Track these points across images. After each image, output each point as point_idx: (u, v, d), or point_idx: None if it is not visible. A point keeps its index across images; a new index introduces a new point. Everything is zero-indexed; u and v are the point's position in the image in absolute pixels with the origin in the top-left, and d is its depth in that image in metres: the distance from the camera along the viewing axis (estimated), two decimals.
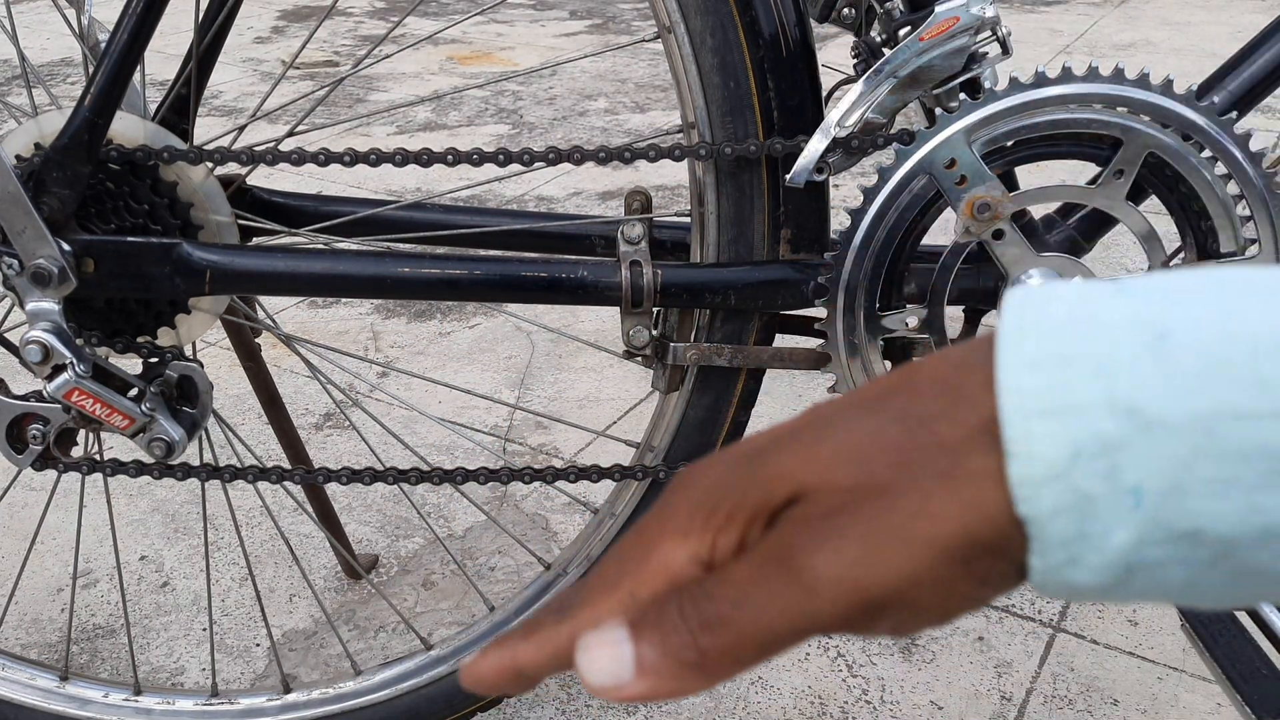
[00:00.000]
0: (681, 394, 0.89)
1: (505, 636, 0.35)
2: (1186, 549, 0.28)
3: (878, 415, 0.32)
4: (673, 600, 0.32)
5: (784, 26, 0.78)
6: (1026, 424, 0.28)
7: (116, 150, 0.80)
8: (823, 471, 0.31)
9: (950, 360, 0.32)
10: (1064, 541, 0.29)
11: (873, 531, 0.30)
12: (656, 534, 0.33)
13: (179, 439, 0.84)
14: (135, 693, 1.04)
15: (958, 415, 0.30)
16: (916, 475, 0.30)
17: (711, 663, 0.31)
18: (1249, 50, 0.82)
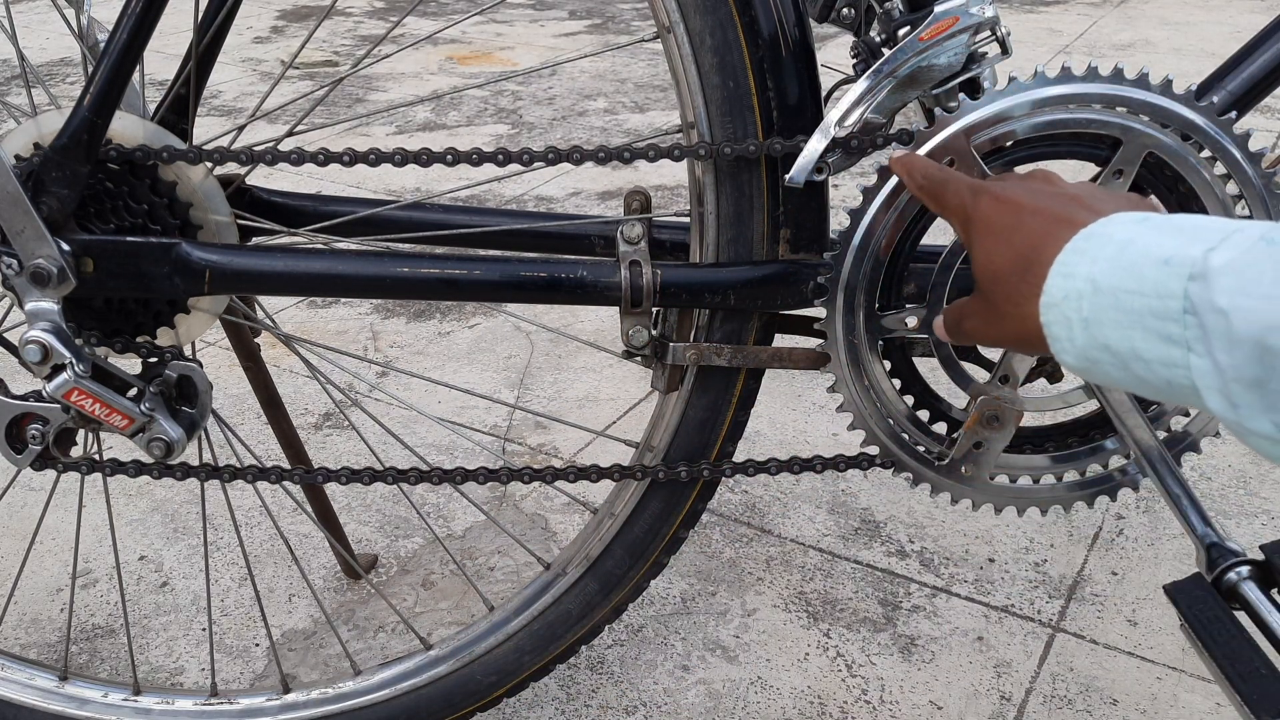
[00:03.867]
0: (681, 394, 0.89)
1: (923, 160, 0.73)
2: (1108, 355, 0.54)
3: (1010, 244, 0.62)
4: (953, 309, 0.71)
5: (783, 26, 0.78)
6: (1053, 280, 0.57)
7: (116, 150, 0.80)
8: (978, 275, 0.65)
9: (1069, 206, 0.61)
10: (1056, 337, 0.57)
11: (987, 322, 0.65)
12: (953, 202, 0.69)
13: (178, 439, 0.84)
14: (134, 692, 1.04)
15: (1045, 255, 0.58)
16: (1012, 298, 0.61)
17: (965, 341, 0.71)
18: (1248, 50, 0.82)
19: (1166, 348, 0.51)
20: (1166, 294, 0.50)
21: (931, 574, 1.34)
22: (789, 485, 1.51)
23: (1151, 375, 0.52)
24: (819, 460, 0.89)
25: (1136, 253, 0.53)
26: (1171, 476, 0.83)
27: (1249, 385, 0.47)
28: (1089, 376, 0.57)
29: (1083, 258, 0.56)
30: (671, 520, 0.94)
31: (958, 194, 0.69)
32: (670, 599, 1.31)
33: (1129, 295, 0.52)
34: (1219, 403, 0.49)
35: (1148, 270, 0.52)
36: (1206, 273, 0.49)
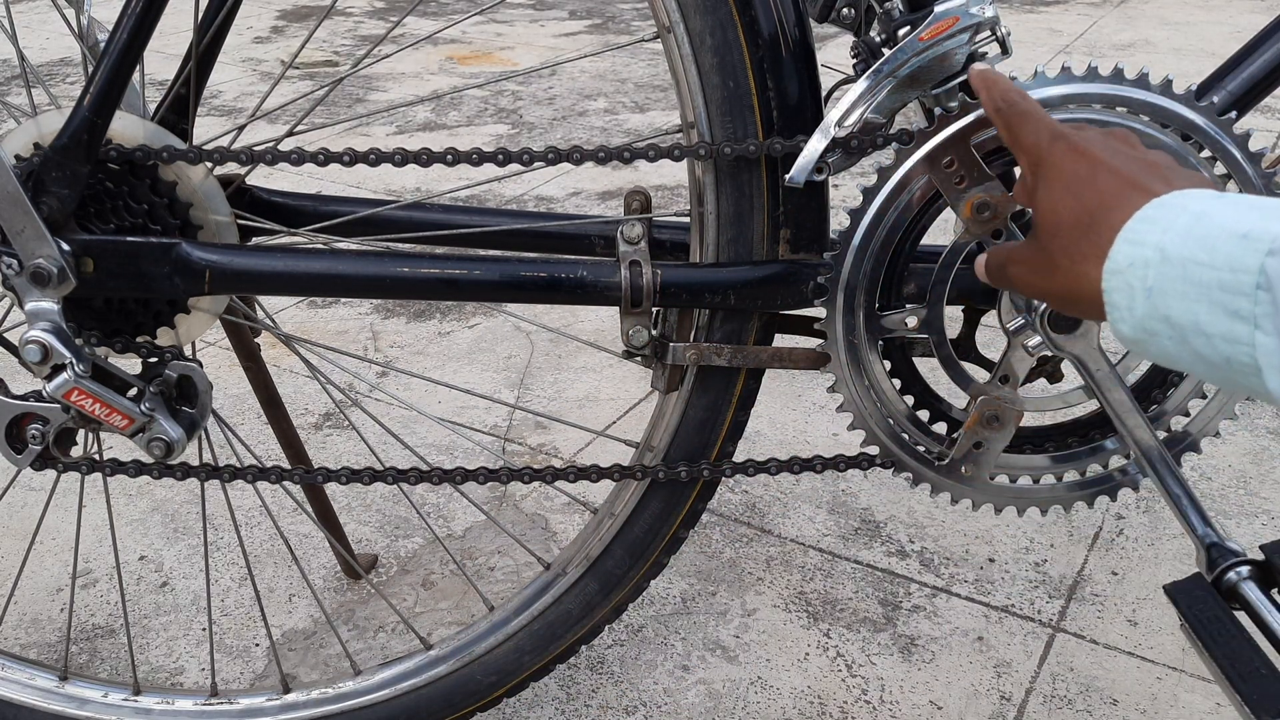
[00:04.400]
0: (681, 394, 0.89)
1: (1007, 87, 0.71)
2: (1167, 327, 0.53)
3: (1077, 197, 0.61)
4: (997, 251, 0.70)
5: (783, 26, 0.78)
6: (1120, 246, 0.56)
7: (116, 150, 0.80)
8: (1039, 221, 0.64)
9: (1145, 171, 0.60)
10: (1116, 306, 0.56)
11: (1036, 272, 0.64)
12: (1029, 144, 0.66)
13: (178, 439, 0.84)
14: (134, 692, 1.04)
15: (1112, 219, 0.57)
16: (1071, 254, 0.60)
17: (1004, 285, 0.70)
18: (1248, 50, 0.82)
19: (1232, 323, 0.50)
20: (1240, 268, 0.50)
21: (932, 574, 1.34)
22: (789, 485, 1.51)
23: (1211, 351, 0.51)
24: (819, 460, 0.89)
25: (1212, 225, 0.52)
26: (1171, 476, 0.83)
27: None
28: (1141, 349, 0.56)
29: (1153, 226, 0.55)
30: (671, 520, 0.94)
31: (1035, 132, 0.66)
32: (670, 599, 1.31)
33: (1199, 267, 0.51)
34: (1279, 382, 0.49)
35: (1222, 243, 0.51)
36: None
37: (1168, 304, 0.53)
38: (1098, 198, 0.60)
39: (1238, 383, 0.52)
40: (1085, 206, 0.60)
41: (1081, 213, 0.60)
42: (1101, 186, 0.60)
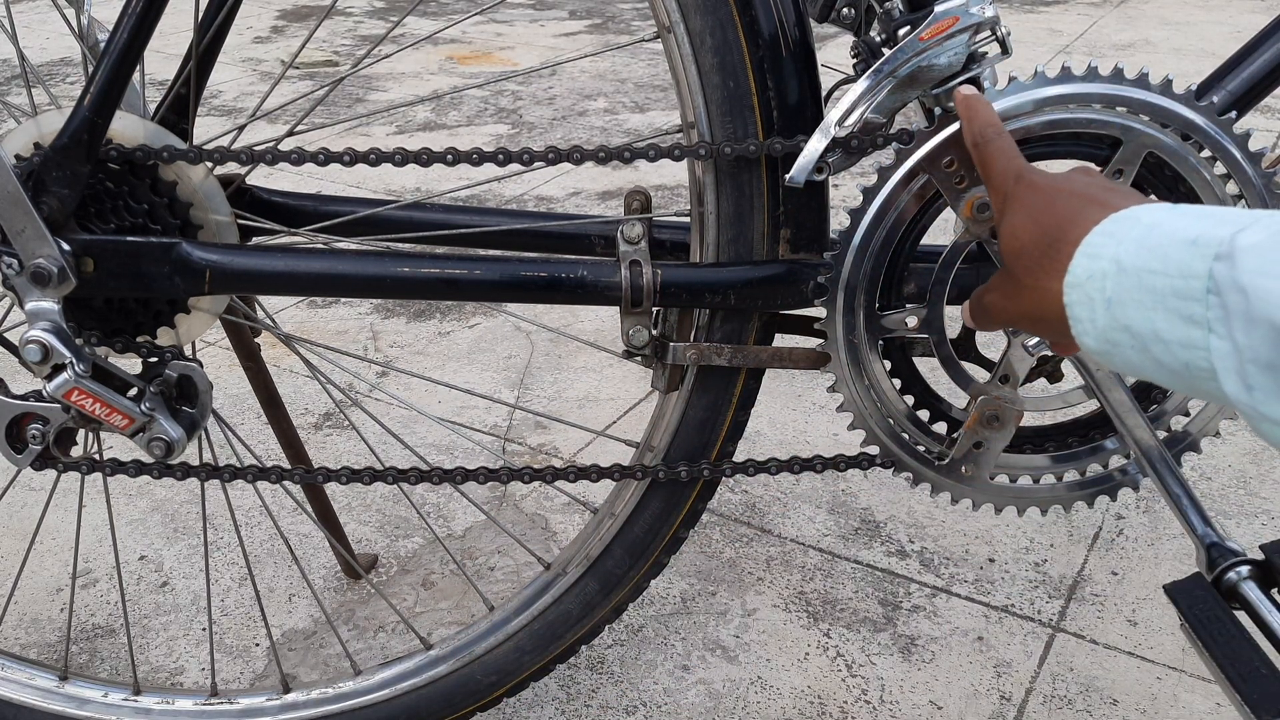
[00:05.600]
0: (681, 394, 0.89)
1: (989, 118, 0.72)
2: (1128, 337, 0.54)
3: (1037, 222, 0.62)
4: (978, 294, 0.70)
5: (783, 26, 0.78)
6: (1078, 260, 0.57)
7: (116, 150, 0.80)
8: (1003, 249, 0.65)
9: (1101, 192, 0.61)
10: (1078, 319, 0.57)
11: (1007, 297, 0.65)
12: (998, 175, 0.69)
13: (178, 438, 0.84)
14: (134, 692, 1.04)
15: (1071, 235, 0.58)
16: (1034, 273, 0.61)
17: (984, 320, 0.70)
18: (1248, 50, 0.82)
19: (1187, 329, 0.51)
20: (1190, 274, 0.50)
21: (931, 574, 1.34)
22: (789, 485, 1.51)
23: (1170, 358, 0.52)
24: (819, 460, 0.89)
25: (1163, 234, 0.53)
26: (1171, 476, 0.83)
27: (1264, 368, 0.47)
28: (1107, 360, 0.57)
29: (1109, 239, 0.56)
30: (671, 520, 0.94)
31: (1005, 169, 0.69)
32: (670, 599, 1.31)
33: (1153, 275, 0.52)
34: (1235, 386, 0.49)
35: (1173, 250, 0.52)
36: (1233, 252, 0.49)
37: (1127, 314, 0.54)
38: (1055, 219, 0.61)
39: (1198, 388, 0.52)
40: (1044, 228, 0.62)
41: (1041, 234, 0.62)
42: (1059, 209, 0.62)
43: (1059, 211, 0.62)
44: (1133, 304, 0.53)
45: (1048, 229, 0.61)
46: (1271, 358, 0.47)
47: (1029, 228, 0.63)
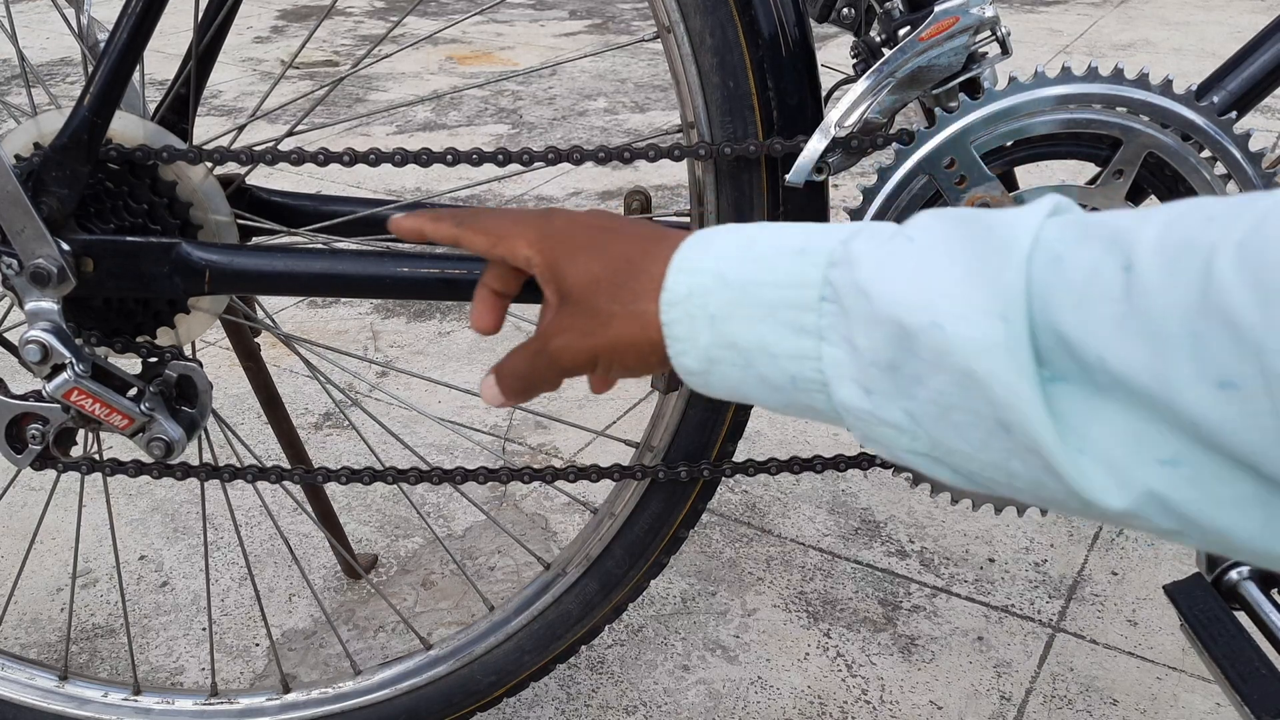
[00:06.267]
0: (681, 394, 0.89)
1: (425, 214, 0.66)
2: (733, 353, 0.51)
3: (603, 256, 0.57)
4: (512, 357, 0.61)
5: (783, 26, 0.78)
6: (674, 276, 0.53)
7: (116, 150, 0.80)
8: (572, 290, 0.58)
9: (656, 229, 0.58)
10: (678, 338, 0.53)
11: (586, 332, 0.57)
12: (519, 233, 0.61)
13: (178, 439, 0.84)
14: (134, 692, 1.04)
15: (650, 266, 0.55)
16: (621, 298, 0.56)
17: (526, 391, 0.61)
18: (1248, 50, 0.82)
19: (798, 339, 0.49)
20: (803, 283, 0.49)
21: (932, 574, 1.34)
22: (789, 485, 1.51)
23: (776, 371, 0.50)
24: (819, 460, 0.89)
25: (766, 246, 0.51)
26: None
27: (885, 369, 0.47)
28: (702, 382, 0.54)
29: (704, 253, 0.53)
30: (672, 520, 0.94)
31: (518, 223, 0.62)
32: (670, 599, 1.31)
33: (760, 287, 0.50)
34: (851, 392, 0.48)
35: (781, 261, 0.50)
36: (849, 258, 0.48)
37: (732, 329, 0.51)
38: (622, 250, 0.57)
39: (802, 402, 0.51)
40: (613, 257, 0.57)
41: (614, 260, 0.57)
42: (618, 242, 0.58)
43: (621, 242, 0.57)
44: (739, 318, 0.51)
45: (617, 257, 0.57)
46: (893, 357, 0.46)
47: (597, 259, 0.58)
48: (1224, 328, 0.39)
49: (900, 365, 0.46)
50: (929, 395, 0.46)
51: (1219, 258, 0.40)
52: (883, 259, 0.47)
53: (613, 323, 0.56)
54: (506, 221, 0.62)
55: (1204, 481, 0.41)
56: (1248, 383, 0.39)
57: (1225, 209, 0.42)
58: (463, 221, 0.64)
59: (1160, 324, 0.41)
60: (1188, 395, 0.40)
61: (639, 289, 0.55)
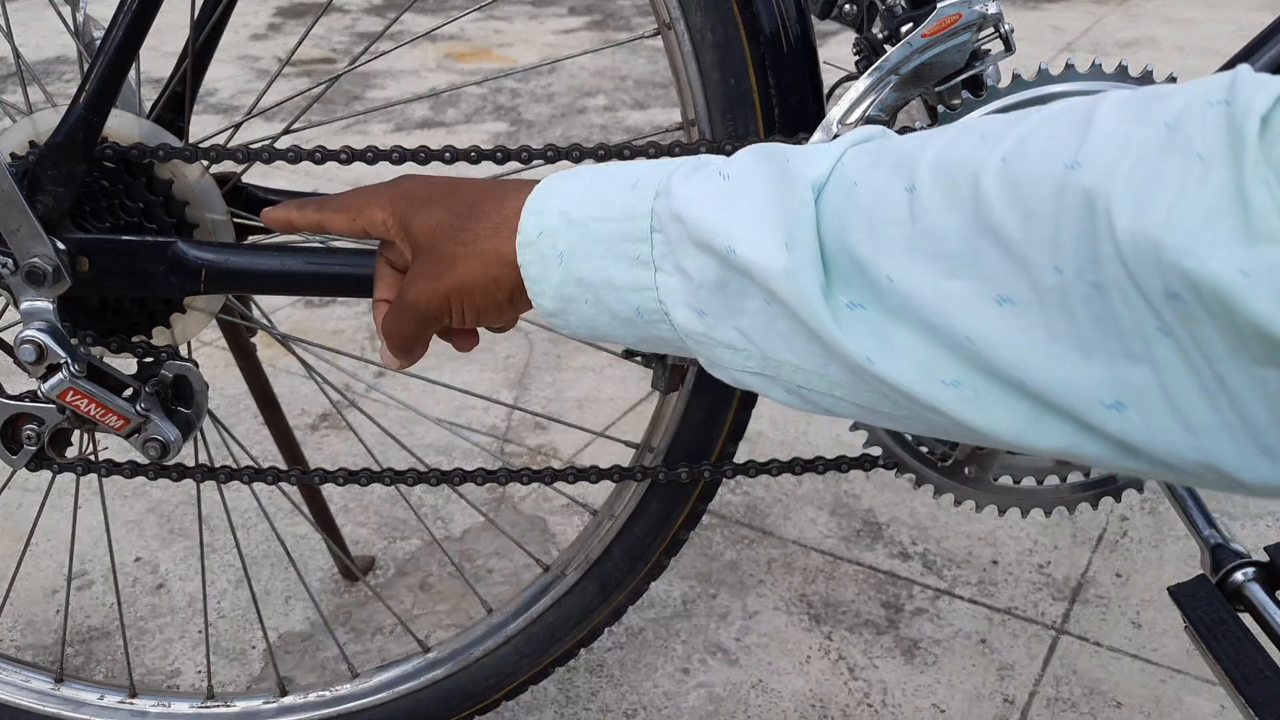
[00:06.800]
0: (681, 394, 0.88)
1: (292, 203, 0.68)
2: (582, 289, 0.53)
3: (447, 205, 0.59)
4: (386, 317, 0.62)
5: (785, 23, 0.77)
6: (526, 219, 0.55)
7: (111, 148, 0.79)
8: (420, 239, 0.59)
9: (506, 179, 0.60)
10: (534, 279, 0.55)
11: (437, 275, 0.58)
12: (373, 200, 0.63)
13: (174, 439, 0.83)
14: (130, 695, 1.03)
15: (491, 208, 0.57)
16: (463, 238, 0.57)
17: (403, 347, 0.62)
18: (1252, 49, 0.81)
19: (636, 271, 0.52)
20: (636, 214, 0.52)
21: (934, 576, 1.34)
22: (790, 487, 1.50)
23: (623, 305, 0.53)
24: (821, 461, 0.88)
25: (606, 183, 0.54)
26: None
27: (713, 289, 0.49)
28: (562, 321, 0.56)
29: (553, 194, 0.55)
30: (672, 522, 0.94)
31: (371, 199, 0.63)
32: (670, 601, 1.30)
33: (600, 223, 0.53)
34: (687, 316, 0.50)
35: (617, 196, 0.53)
36: (669, 188, 0.51)
37: (579, 265, 0.53)
38: (466, 195, 0.59)
39: (650, 334, 0.53)
40: (457, 203, 0.59)
41: (457, 206, 0.59)
42: (464, 192, 0.59)
43: (468, 192, 0.59)
44: (584, 255, 0.53)
45: (465, 202, 0.59)
46: (720, 277, 0.48)
47: (442, 208, 0.59)
48: (995, 246, 0.41)
49: (726, 284, 0.49)
50: (754, 308, 0.48)
51: (985, 176, 0.42)
52: (695, 188, 0.50)
53: (457, 264, 0.58)
54: (362, 194, 0.64)
55: (981, 402, 0.43)
56: (1021, 298, 0.41)
57: (997, 127, 0.44)
58: (323, 205, 0.66)
59: (942, 244, 0.43)
60: (969, 313, 0.42)
61: (480, 230, 0.57)
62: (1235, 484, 0.39)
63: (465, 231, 0.58)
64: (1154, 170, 0.37)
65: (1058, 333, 0.40)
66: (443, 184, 0.61)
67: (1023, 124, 0.43)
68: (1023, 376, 0.41)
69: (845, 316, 0.46)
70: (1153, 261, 0.36)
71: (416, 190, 0.62)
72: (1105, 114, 0.40)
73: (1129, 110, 0.40)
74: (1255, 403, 0.37)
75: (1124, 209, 0.37)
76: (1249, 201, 0.35)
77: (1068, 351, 0.40)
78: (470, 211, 0.58)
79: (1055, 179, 0.40)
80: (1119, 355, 0.39)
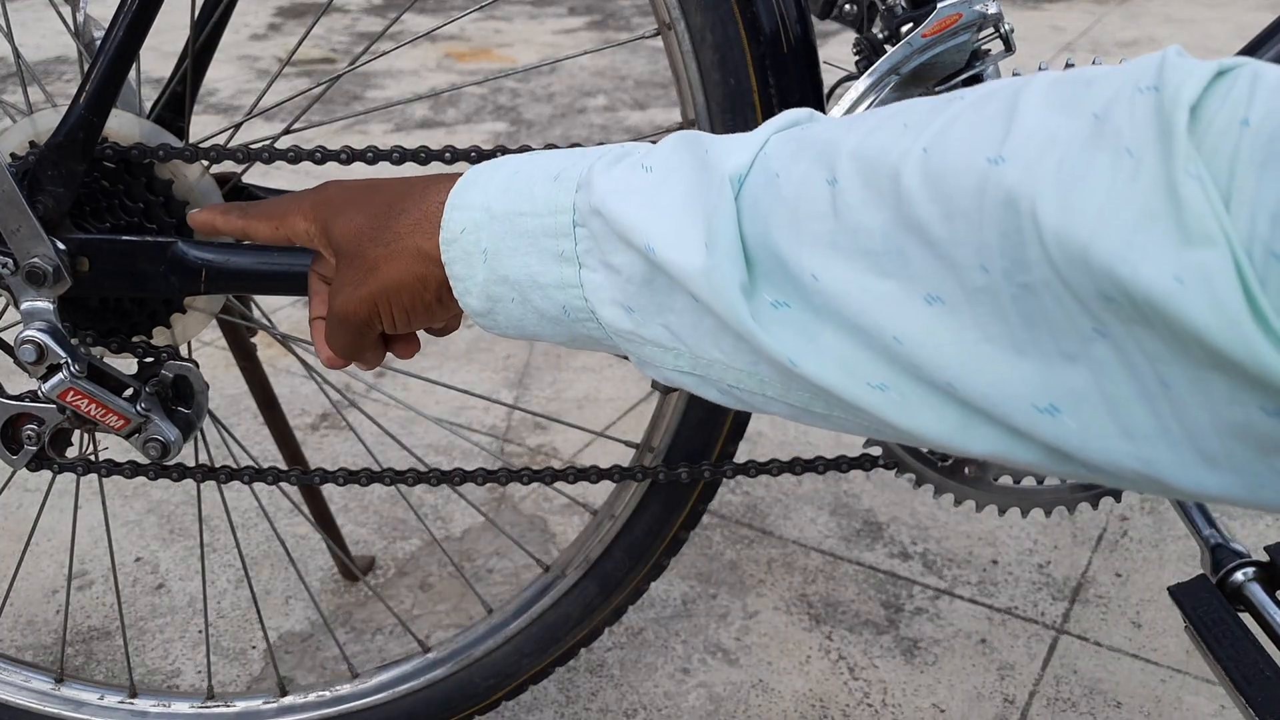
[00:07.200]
0: (681, 394, 0.88)
1: (216, 207, 0.67)
2: (508, 288, 0.51)
3: (366, 207, 0.56)
4: (324, 327, 0.60)
5: (785, 23, 0.77)
6: (448, 213, 0.52)
7: (112, 148, 0.79)
8: (341, 245, 0.57)
9: (427, 176, 0.56)
10: (459, 277, 0.52)
11: (361, 280, 0.55)
12: (295, 208, 0.60)
13: (174, 439, 0.83)
14: (130, 695, 1.03)
15: (410, 206, 0.54)
16: (383, 239, 0.55)
17: (348, 358, 0.60)
18: (1252, 48, 0.81)
19: (560, 268, 0.49)
20: (558, 209, 0.49)
21: (934, 576, 1.34)
22: (791, 486, 1.50)
23: (549, 303, 0.50)
24: (821, 461, 0.88)
25: (528, 175, 0.51)
26: None
27: (640, 285, 0.47)
28: (491, 322, 0.53)
29: (475, 187, 0.52)
30: (672, 522, 0.94)
31: (293, 206, 0.61)
32: (671, 601, 1.30)
33: (522, 218, 0.50)
34: (614, 313, 0.48)
35: (539, 189, 0.50)
36: (590, 181, 0.48)
37: (504, 263, 0.51)
38: (385, 195, 0.56)
39: (580, 333, 0.51)
40: (376, 204, 0.56)
41: (376, 207, 0.56)
42: (385, 191, 0.57)
43: (389, 185, 0.57)
44: (508, 251, 0.50)
45: (384, 199, 0.56)
46: (645, 273, 0.46)
47: (361, 211, 0.57)
48: (920, 244, 0.39)
49: (652, 280, 0.46)
50: (681, 305, 0.46)
51: (905, 169, 0.39)
52: (616, 180, 0.48)
53: (380, 266, 0.55)
54: (285, 202, 0.62)
55: (909, 406, 0.41)
56: (950, 297, 0.38)
57: (920, 114, 0.41)
58: (247, 212, 0.64)
59: (866, 240, 0.40)
60: (897, 312, 0.40)
61: (400, 229, 0.54)
62: (1172, 491, 0.37)
63: (386, 231, 0.55)
64: (1081, 167, 0.35)
65: (991, 334, 0.38)
66: (363, 186, 0.58)
67: (946, 111, 0.40)
68: (951, 380, 0.39)
69: (768, 316, 0.43)
70: (1082, 266, 0.34)
71: (337, 195, 0.59)
72: (1031, 102, 0.37)
73: (1056, 97, 0.37)
74: (1197, 407, 0.34)
75: (1050, 210, 0.35)
76: (1181, 200, 0.32)
77: (1001, 353, 0.38)
78: (390, 210, 0.55)
79: (977, 174, 0.37)
80: (1054, 356, 0.37)
